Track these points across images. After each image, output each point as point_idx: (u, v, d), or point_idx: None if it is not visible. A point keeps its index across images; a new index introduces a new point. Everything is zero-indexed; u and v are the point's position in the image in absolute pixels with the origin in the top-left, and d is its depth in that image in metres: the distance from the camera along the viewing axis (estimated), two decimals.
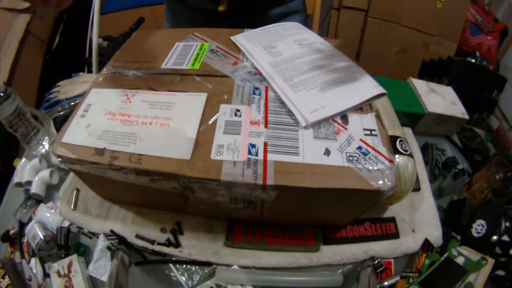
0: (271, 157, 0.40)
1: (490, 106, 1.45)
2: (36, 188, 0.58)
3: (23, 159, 0.63)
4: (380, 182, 0.38)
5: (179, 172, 0.39)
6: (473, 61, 1.53)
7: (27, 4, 1.18)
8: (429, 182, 0.63)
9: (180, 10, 0.73)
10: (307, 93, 0.46)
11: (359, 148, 0.41)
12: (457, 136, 0.76)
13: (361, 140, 0.42)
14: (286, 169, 0.39)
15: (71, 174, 0.62)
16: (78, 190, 0.58)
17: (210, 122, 0.44)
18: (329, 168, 0.39)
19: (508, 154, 0.59)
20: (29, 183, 0.60)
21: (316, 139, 0.42)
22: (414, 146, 0.68)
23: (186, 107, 0.46)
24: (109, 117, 0.45)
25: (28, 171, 0.61)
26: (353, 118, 0.45)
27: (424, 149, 0.70)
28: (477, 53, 1.56)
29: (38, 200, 0.60)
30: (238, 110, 0.45)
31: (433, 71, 1.41)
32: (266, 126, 0.43)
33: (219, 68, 0.52)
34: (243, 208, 0.47)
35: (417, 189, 0.60)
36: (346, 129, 0.43)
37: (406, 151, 0.51)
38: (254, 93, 0.47)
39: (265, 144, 0.41)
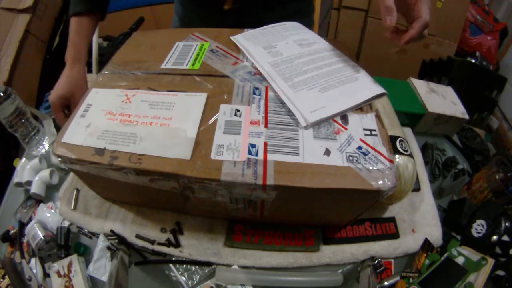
0: (271, 157, 0.40)
1: (490, 106, 1.45)
2: (36, 188, 0.58)
3: (23, 159, 0.63)
4: (380, 182, 0.38)
5: (179, 172, 0.39)
6: (473, 61, 1.53)
7: (27, 4, 1.18)
8: (429, 182, 0.63)
9: (192, 6, 0.74)
10: (307, 93, 0.46)
11: (359, 148, 0.41)
12: (457, 136, 0.76)
13: (361, 140, 0.42)
14: (286, 169, 0.39)
15: (71, 174, 0.62)
16: (78, 190, 0.58)
17: (210, 122, 0.44)
18: (329, 168, 0.39)
19: (508, 154, 0.60)
20: (29, 183, 0.60)
21: (316, 139, 0.42)
22: (414, 146, 0.68)
23: (186, 107, 0.46)
24: (109, 117, 0.45)
25: (28, 171, 0.61)
26: (353, 118, 0.45)
27: (424, 149, 0.70)
28: (477, 53, 1.56)
29: (38, 200, 0.60)
30: (238, 110, 0.45)
31: (433, 71, 1.41)
32: (266, 126, 0.43)
33: (219, 68, 0.52)
34: (243, 208, 0.47)
35: (417, 189, 0.60)
36: (346, 129, 0.43)
37: (406, 151, 0.51)
38: (254, 93, 0.47)
39: (265, 144, 0.41)
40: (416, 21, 0.42)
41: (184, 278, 0.50)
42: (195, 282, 0.50)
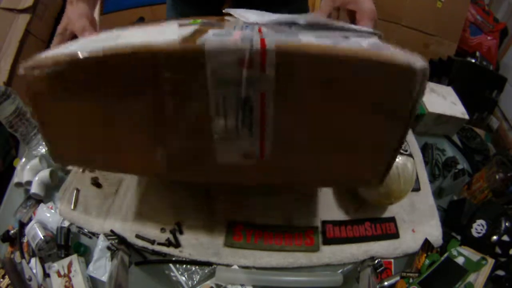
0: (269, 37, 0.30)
1: (490, 106, 1.45)
2: (36, 188, 0.58)
3: (23, 159, 0.63)
4: (414, 61, 0.30)
5: (153, 49, 0.30)
6: (473, 61, 1.53)
7: (27, 4, 1.18)
8: (429, 182, 0.63)
9: (188, 8, 0.74)
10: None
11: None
12: (457, 136, 0.76)
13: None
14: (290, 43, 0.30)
15: (71, 174, 0.61)
16: (78, 190, 0.58)
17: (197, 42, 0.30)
18: (350, 48, 0.30)
19: (508, 154, 0.60)
20: (29, 183, 0.60)
21: (319, 38, 0.32)
22: (414, 146, 0.68)
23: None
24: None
25: (28, 171, 0.61)
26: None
27: (424, 149, 0.70)
28: (477, 53, 1.56)
29: (38, 200, 0.60)
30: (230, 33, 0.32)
31: (433, 71, 1.40)
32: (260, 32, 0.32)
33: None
34: (235, 129, 0.34)
35: (417, 189, 0.60)
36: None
37: (406, 150, 0.51)
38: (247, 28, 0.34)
39: (260, 31, 0.31)
40: None
41: (184, 278, 0.50)
42: (195, 282, 0.50)
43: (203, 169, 0.39)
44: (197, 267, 0.51)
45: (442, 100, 0.71)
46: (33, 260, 0.53)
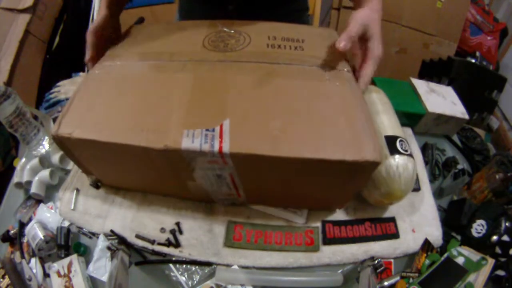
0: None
1: (490, 106, 1.45)
2: (36, 188, 0.58)
3: (23, 159, 0.63)
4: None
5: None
6: (473, 61, 1.53)
7: (27, 4, 1.18)
8: (429, 182, 0.63)
9: (198, 5, 0.76)
10: None
11: None
12: (457, 136, 0.76)
13: None
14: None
15: (71, 174, 0.62)
16: (78, 190, 0.58)
17: None
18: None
19: (508, 154, 0.59)
20: (29, 183, 0.60)
21: None
22: (414, 146, 0.68)
23: None
24: None
25: (28, 171, 0.61)
26: None
27: (424, 149, 0.70)
28: (477, 53, 1.56)
29: (38, 200, 0.60)
30: None
31: (433, 71, 1.40)
32: None
33: None
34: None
35: (417, 189, 0.60)
36: None
37: (406, 151, 0.51)
38: None
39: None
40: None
41: (184, 278, 0.50)
42: (195, 282, 0.50)
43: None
44: (197, 267, 0.51)
45: (442, 100, 0.71)
46: (33, 260, 0.53)
